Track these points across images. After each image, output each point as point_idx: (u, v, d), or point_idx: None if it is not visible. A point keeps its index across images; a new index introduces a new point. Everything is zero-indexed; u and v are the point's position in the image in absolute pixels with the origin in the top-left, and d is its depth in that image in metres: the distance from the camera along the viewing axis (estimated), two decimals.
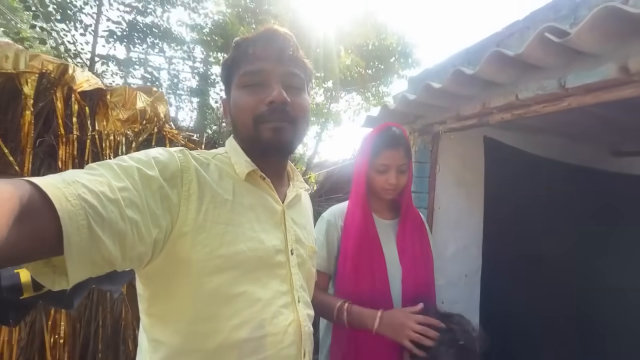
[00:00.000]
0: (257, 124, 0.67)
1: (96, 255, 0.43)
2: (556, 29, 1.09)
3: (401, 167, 1.19)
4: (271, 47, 0.68)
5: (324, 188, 1.98)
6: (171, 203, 0.56)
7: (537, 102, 1.35)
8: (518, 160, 2.23)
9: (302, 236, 0.79)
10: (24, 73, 1.21)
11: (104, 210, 0.44)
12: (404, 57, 10.91)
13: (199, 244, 0.58)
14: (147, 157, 0.57)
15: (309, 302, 0.78)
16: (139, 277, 0.62)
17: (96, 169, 0.49)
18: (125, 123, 1.69)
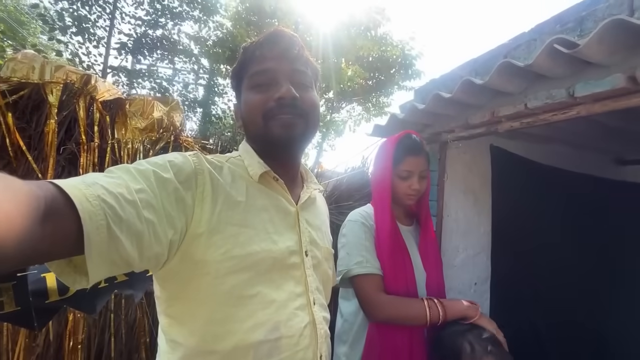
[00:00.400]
0: (267, 121, 0.68)
1: (115, 255, 0.44)
2: (565, 40, 1.13)
3: (422, 172, 1.23)
4: (277, 47, 0.69)
5: (333, 196, 2.00)
6: (186, 205, 0.57)
7: (545, 110, 1.38)
8: (524, 168, 2.26)
9: (317, 237, 0.79)
10: (49, 83, 1.25)
11: (122, 211, 0.45)
12: (404, 68, 11.08)
13: (213, 245, 0.59)
14: (163, 161, 0.58)
15: (325, 305, 0.78)
16: (156, 278, 0.63)
17: (114, 172, 0.51)
18: (143, 132, 1.73)
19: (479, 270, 2.15)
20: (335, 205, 2.03)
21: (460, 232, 2.10)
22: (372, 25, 9.86)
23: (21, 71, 1.69)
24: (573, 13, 1.35)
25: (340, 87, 10.57)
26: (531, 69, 1.27)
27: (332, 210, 1.99)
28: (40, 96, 1.22)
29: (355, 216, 1.28)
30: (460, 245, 2.10)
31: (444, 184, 2.04)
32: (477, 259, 2.16)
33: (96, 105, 1.34)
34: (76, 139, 1.31)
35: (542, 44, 1.31)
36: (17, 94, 1.16)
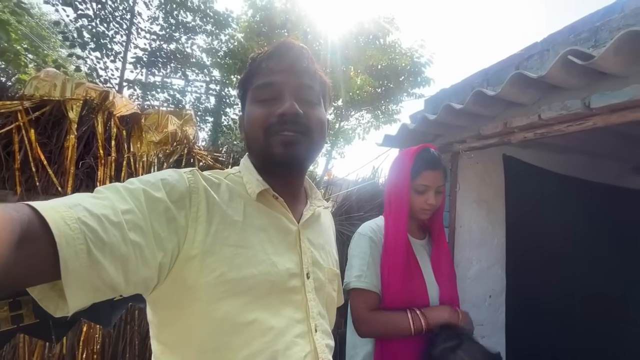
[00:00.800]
0: (268, 137, 0.64)
1: (97, 281, 0.42)
2: (579, 51, 1.12)
3: (439, 187, 1.23)
4: (285, 60, 0.66)
5: (344, 207, 1.99)
6: (178, 225, 0.54)
7: (560, 121, 1.36)
8: (538, 178, 2.22)
9: (320, 258, 0.74)
10: (70, 100, 1.30)
11: (105, 234, 0.43)
12: (413, 76, 11.06)
13: (207, 268, 0.55)
14: (155, 179, 0.56)
15: (329, 331, 0.72)
16: (148, 302, 0.60)
17: (102, 192, 0.49)
18: (158, 145, 1.77)
19: (493, 283, 2.10)
20: (345, 217, 2.03)
21: (474, 244, 2.07)
22: (381, 34, 9.91)
23: (43, 89, 1.76)
24: (587, 23, 1.34)
25: (349, 96, 10.63)
26: (545, 80, 1.26)
27: (342, 221, 1.98)
28: (61, 112, 1.27)
29: (364, 229, 1.28)
30: (474, 257, 2.06)
31: (456, 195, 2.01)
32: (492, 271, 2.11)
33: (114, 120, 1.39)
34: (94, 153, 1.35)
35: (555, 55, 1.31)
36: (39, 111, 1.22)
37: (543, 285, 2.18)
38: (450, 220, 2.00)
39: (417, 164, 1.23)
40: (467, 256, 2.03)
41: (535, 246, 2.18)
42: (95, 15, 5.97)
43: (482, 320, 2.04)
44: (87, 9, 5.88)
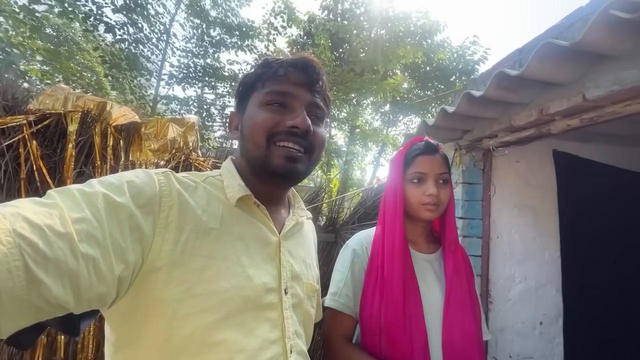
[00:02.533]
0: (270, 144, 0.61)
1: (38, 301, 0.37)
2: (628, 3, 0.84)
3: (440, 176, 0.98)
4: (304, 75, 0.65)
5: (357, 214, 1.81)
6: (142, 234, 0.49)
7: (613, 101, 1.05)
8: (602, 177, 1.80)
9: (301, 272, 0.69)
10: (70, 112, 1.39)
11: (47, 247, 0.38)
12: (465, 74, 10.36)
13: (174, 281, 0.50)
14: (119, 181, 0.50)
15: (305, 352, 0.66)
16: (105, 317, 0.54)
17: (52, 197, 0.44)
18: (157, 153, 1.82)
19: (545, 306, 1.73)
20: (358, 225, 1.85)
21: (516, 258, 1.73)
22: (428, 35, 9.47)
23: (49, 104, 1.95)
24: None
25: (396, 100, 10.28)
26: (584, 48, 0.98)
27: (354, 230, 1.80)
28: (63, 125, 1.36)
29: (352, 240, 1.08)
30: (517, 274, 1.72)
31: (491, 199, 1.71)
32: (542, 291, 1.74)
33: (110, 130, 1.44)
34: (93, 163, 1.42)
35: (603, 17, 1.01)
36: (41, 124, 1.31)
37: (614, 309, 1.73)
38: (484, 230, 1.70)
39: (409, 153, 1.02)
40: (508, 273, 1.70)
41: (602, 261, 1.75)
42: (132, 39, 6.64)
43: (531, 352, 1.68)
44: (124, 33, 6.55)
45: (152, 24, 6.93)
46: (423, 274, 1.00)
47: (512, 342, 1.65)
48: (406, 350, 0.89)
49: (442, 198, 0.97)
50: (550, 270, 1.78)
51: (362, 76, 8.47)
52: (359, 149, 12.49)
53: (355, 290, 0.99)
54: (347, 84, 8.58)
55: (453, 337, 0.92)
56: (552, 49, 1.04)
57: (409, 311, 0.92)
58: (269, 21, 9.15)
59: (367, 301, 0.97)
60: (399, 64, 8.78)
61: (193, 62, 7.85)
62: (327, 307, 0.99)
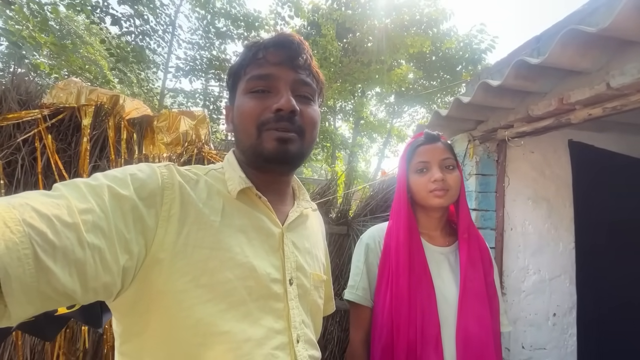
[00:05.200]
0: (261, 132, 0.60)
1: (46, 289, 0.38)
2: None
3: (445, 162, 0.97)
4: (283, 52, 0.62)
5: (369, 206, 1.80)
6: (146, 225, 0.50)
7: (639, 89, 1.02)
8: (618, 167, 1.76)
9: (306, 263, 0.68)
10: (84, 106, 1.38)
11: (55, 236, 0.38)
12: (472, 64, 10.17)
13: (177, 272, 0.51)
14: (123, 175, 0.51)
15: (313, 341, 0.66)
16: (112, 310, 0.55)
17: (59, 189, 0.45)
18: (169, 146, 1.82)
19: (558, 298, 1.72)
20: (370, 217, 1.84)
21: (531, 250, 1.71)
22: (434, 23, 9.28)
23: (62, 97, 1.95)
24: None
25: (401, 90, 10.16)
26: (610, 34, 0.94)
27: (366, 222, 1.79)
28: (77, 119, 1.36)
29: (365, 234, 1.10)
30: (531, 266, 1.71)
31: (505, 191, 1.69)
32: (556, 283, 1.73)
33: (123, 124, 1.44)
34: (108, 157, 1.42)
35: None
36: (55, 118, 1.31)
37: (630, 303, 1.71)
38: (498, 221, 1.68)
39: (411, 147, 1.03)
40: (521, 264, 1.69)
41: (619, 253, 1.73)
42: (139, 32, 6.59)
43: (544, 343, 1.68)
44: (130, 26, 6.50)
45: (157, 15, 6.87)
46: (438, 267, 0.99)
47: (525, 333, 1.65)
48: (411, 338, 0.90)
49: (449, 182, 0.96)
50: (564, 262, 1.77)
51: (369, 67, 8.35)
52: (364, 141, 12.42)
53: (371, 283, 1.01)
54: (354, 75, 8.47)
55: (468, 329, 0.91)
56: (576, 35, 1.00)
57: (419, 302, 0.92)
58: (276, 11, 9.03)
59: (380, 293, 0.99)
60: (405, 54, 8.64)
61: (199, 54, 7.80)
62: (347, 299, 1.02)
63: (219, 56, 7.93)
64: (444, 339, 0.91)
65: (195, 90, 8.38)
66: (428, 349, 0.90)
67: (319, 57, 7.94)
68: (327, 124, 10.97)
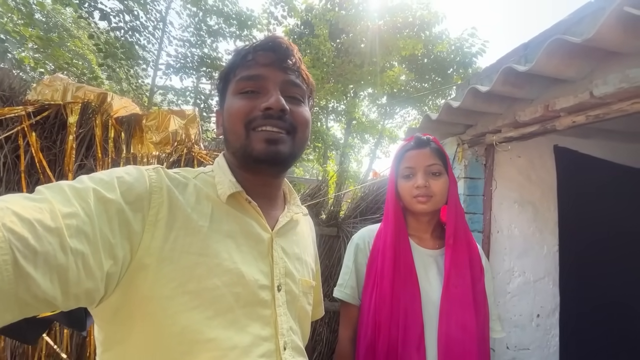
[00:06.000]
0: (249, 131, 0.60)
1: (25, 295, 0.36)
2: None
3: (430, 168, 0.98)
4: (272, 54, 0.62)
5: (359, 208, 1.81)
6: (131, 230, 0.49)
7: (621, 98, 1.05)
8: (602, 173, 1.81)
9: (295, 269, 0.67)
10: (70, 103, 1.35)
11: (37, 242, 0.37)
12: (463, 67, 10.31)
13: (164, 278, 0.50)
14: (110, 177, 0.50)
15: (301, 348, 0.65)
16: (94, 316, 0.53)
17: (42, 192, 0.44)
18: (158, 145, 1.79)
19: (542, 299, 1.76)
20: (360, 219, 1.85)
21: (516, 252, 1.75)
22: (426, 26, 9.37)
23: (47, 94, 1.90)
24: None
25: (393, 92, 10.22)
26: (594, 44, 0.97)
27: (356, 224, 1.80)
28: (64, 116, 1.33)
29: (356, 235, 1.12)
30: (516, 268, 1.75)
31: (492, 194, 1.72)
32: (540, 285, 1.77)
33: (111, 122, 1.41)
34: (94, 155, 1.39)
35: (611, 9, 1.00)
36: (40, 115, 1.28)
37: (609, 303, 1.76)
38: (485, 224, 1.71)
39: (401, 150, 1.05)
40: (507, 267, 1.72)
41: (600, 256, 1.78)
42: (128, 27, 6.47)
43: (528, 343, 1.72)
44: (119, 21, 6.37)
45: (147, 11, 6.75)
46: (425, 269, 1.00)
47: (510, 333, 1.69)
48: (392, 337, 0.92)
49: (434, 189, 0.97)
50: (548, 265, 1.81)
51: (361, 68, 8.39)
52: (355, 141, 12.47)
53: (359, 282, 1.04)
54: (347, 76, 8.49)
55: (450, 334, 0.92)
56: (562, 45, 1.03)
57: (402, 302, 0.94)
58: (269, 10, 8.98)
59: (366, 292, 1.01)
60: (398, 56, 8.70)
61: (190, 51, 7.70)
62: (335, 297, 1.05)
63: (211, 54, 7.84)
64: (428, 340, 0.92)
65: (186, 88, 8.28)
66: (410, 349, 0.91)
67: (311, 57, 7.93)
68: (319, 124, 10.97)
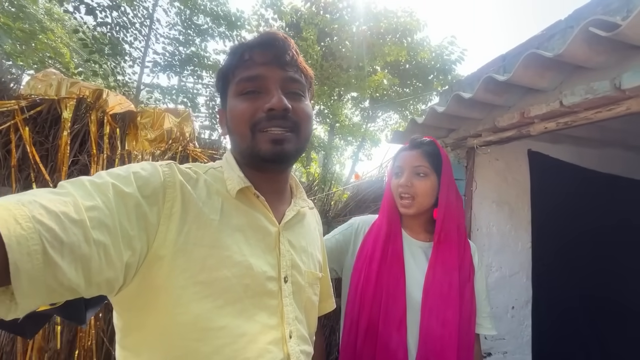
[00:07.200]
0: (255, 133, 0.61)
1: (52, 282, 0.39)
2: (603, 22, 0.95)
3: (416, 169, 1.04)
4: (269, 51, 0.63)
5: (348, 207, 1.89)
6: (148, 222, 0.51)
7: (586, 107, 1.17)
8: (571, 176, 1.98)
9: (301, 261, 0.70)
10: (64, 99, 1.34)
11: (63, 233, 0.40)
12: (443, 74, 10.66)
13: (177, 268, 0.52)
14: (127, 173, 0.53)
15: (306, 337, 0.68)
16: (114, 305, 0.56)
17: (65, 187, 0.46)
18: (153, 143, 1.79)
19: (516, 292, 1.89)
20: (349, 217, 1.92)
21: (494, 249, 1.87)
22: (409, 33, 9.65)
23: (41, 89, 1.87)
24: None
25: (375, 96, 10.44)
26: (564, 59, 1.09)
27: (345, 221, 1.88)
28: (57, 111, 1.32)
29: (358, 217, 1.21)
30: (494, 263, 1.87)
31: (472, 194, 1.83)
32: (515, 279, 1.91)
33: (106, 118, 1.41)
34: (88, 151, 1.39)
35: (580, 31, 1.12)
36: (34, 110, 1.26)
37: (576, 295, 1.92)
38: (466, 223, 1.82)
39: (399, 150, 1.14)
40: (486, 262, 1.84)
41: (567, 252, 1.93)
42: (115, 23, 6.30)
43: (504, 334, 1.84)
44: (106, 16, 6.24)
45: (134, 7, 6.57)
46: (414, 257, 1.07)
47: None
48: (373, 316, 0.99)
49: (416, 189, 1.03)
50: (522, 260, 1.95)
51: (347, 72, 8.52)
52: (339, 143, 12.60)
53: (336, 247, 1.14)
54: (333, 79, 8.60)
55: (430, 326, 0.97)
56: (536, 58, 1.14)
57: (385, 284, 1.00)
58: (259, 12, 8.95)
59: (355, 271, 1.08)
60: (382, 61, 8.91)
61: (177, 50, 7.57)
62: None
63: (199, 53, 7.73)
64: (410, 324, 0.98)
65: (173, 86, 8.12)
66: (390, 329, 0.97)
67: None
68: None
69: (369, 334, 0.99)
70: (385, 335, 0.97)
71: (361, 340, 0.99)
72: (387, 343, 0.96)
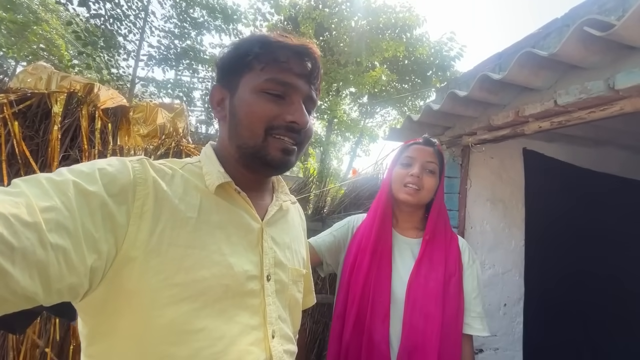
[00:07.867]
0: (268, 136, 0.60)
1: (4, 292, 0.36)
2: (598, 21, 0.94)
3: (428, 164, 1.06)
4: (305, 65, 0.63)
5: (343, 203, 1.89)
6: (116, 223, 0.48)
7: (580, 107, 1.17)
8: (565, 175, 1.98)
9: (285, 258, 0.68)
10: (54, 93, 1.32)
11: (14, 237, 0.37)
12: (442, 70, 10.65)
13: (151, 270, 0.50)
14: (91, 170, 0.49)
15: (290, 335, 0.67)
16: (78, 311, 0.52)
17: (18, 186, 0.43)
18: (146, 138, 1.77)
19: (509, 290, 1.91)
20: (344, 214, 1.92)
21: (487, 247, 1.88)
22: (408, 28, 9.60)
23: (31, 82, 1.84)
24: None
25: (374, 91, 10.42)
26: (558, 58, 1.08)
27: (340, 218, 1.88)
28: (47, 106, 1.30)
29: (353, 216, 1.24)
30: (487, 261, 1.88)
31: (467, 192, 1.84)
32: (508, 276, 1.92)
33: (98, 113, 1.39)
34: (79, 146, 1.37)
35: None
36: (23, 104, 1.24)
37: (569, 293, 1.94)
38: (460, 221, 1.83)
39: (407, 144, 1.14)
40: (479, 260, 1.85)
41: (560, 250, 1.95)
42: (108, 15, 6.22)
43: (496, 331, 1.86)
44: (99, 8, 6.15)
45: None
46: (401, 253, 1.10)
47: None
48: (362, 308, 1.02)
49: (424, 183, 1.05)
50: (515, 258, 1.96)
51: (345, 67, 8.49)
52: (337, 139, 12.60)
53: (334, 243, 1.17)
54: (331, 74, 8.57)
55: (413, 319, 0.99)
56: (531, 57, 1.14)
57: (374, 278, 1.03)
58: (256, 6, 8.87)
59: (347, 265, 1.11)
60: (380, 57, 8.87)
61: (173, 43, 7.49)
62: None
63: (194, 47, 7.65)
64: (393, 316, 1.01)
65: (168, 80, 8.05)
66: (376, 321, 1.00)
67: None
68: None
69: (356, 327, 1.01)
70: (371, 329, 0.99)
71: (349, 333, 1.01)
72: (372, 336, 0.99)
